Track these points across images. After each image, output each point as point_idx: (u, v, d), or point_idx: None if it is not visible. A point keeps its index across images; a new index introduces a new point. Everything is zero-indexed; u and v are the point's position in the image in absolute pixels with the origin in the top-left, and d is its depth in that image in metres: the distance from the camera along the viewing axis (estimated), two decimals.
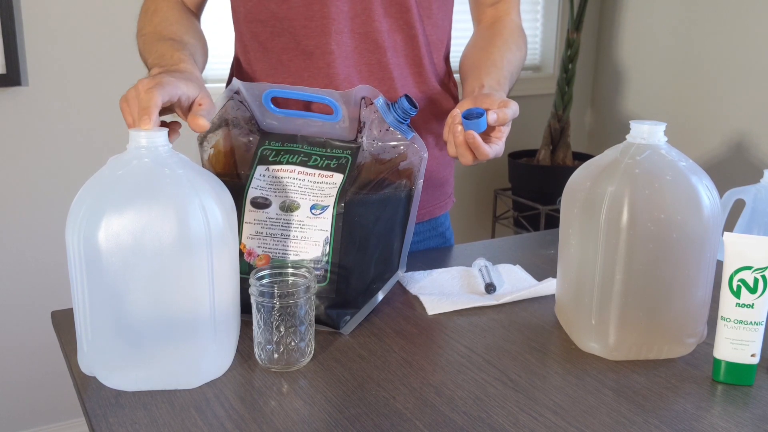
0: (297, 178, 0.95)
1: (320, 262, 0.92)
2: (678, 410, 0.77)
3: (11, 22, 1.87)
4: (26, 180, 2.02)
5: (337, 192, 0.93)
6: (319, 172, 0.95)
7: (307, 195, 0.94)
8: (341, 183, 0.93)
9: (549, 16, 2.81)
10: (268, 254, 0.93)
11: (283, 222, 0.93)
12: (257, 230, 0.94)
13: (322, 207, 0.92)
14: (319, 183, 0.94)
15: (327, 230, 0.92)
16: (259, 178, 0.96)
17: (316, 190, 0.94)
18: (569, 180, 0.91)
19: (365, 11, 1.07)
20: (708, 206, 0.83)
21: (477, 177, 2.78)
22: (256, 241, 0.94)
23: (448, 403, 0.77)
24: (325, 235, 0.92)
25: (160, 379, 0.79)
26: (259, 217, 0.94)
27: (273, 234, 0.93)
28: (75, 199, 0.77)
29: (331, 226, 0.92)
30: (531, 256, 1.21)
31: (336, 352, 0.88)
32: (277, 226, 0.93)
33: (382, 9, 1.08)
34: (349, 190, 0.93)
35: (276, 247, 0.93)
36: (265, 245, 0.93)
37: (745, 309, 0.80)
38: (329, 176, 0.95)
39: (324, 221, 0.92)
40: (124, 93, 0.88)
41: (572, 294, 0.90)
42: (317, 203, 0.93)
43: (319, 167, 0.95)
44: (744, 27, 2.32)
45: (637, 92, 2.74)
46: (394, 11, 1.08)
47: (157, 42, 1.03)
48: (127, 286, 0.75)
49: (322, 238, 0.92)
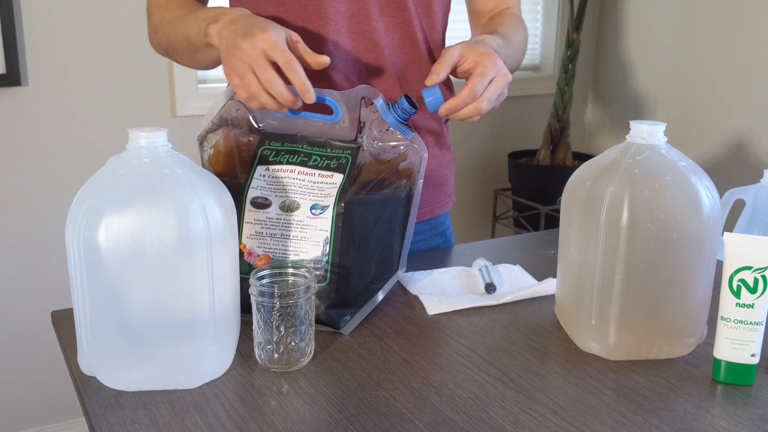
0: (297, 178, 0.95)
1: (320, 262, 0.92)
2: (678, 410, 0.77)
3: (11, 22, 1.87)
4: (26, 180, 2.02)
5: (337, 192, 0.93)
6: (319, 172, 0.95)
7: (307, 195, 0.94)
8: (341, 183, 0.93)
9: (549, 16, 2.81)
10: (268, 254, 0.93)
11: (283, 222, 0.93)
12: (257, 230, 0.94)
13: (322, 207, 0.92)
14: (319, 183, 0.94)
15: (327, 230, 0.92)
16: (259, 178, 0.96)
17: (316, 190, 0.94)
18: (569, 180, 0.91)
19: (362, 11, 1.07)
20: (708, 206, 0.83)
21: (477, 177, 2.78)
22: (256, 241, 0.94)
23: (448, 403, 0.77)
24: (325, 235, 0.92)
25: (160, 379, 0.79)
26: (259, 217, 0.94)
27: (273, 234, 0.93)
28: (75, 199, 0.77)
29: (331, 226, 0.92)
30: (531, 256, 1.21)
31: (336, 352, 0.88)
32: (277, 226, 0.93)
33: (379, 8, 1.08)
34: (349, 190, 0.93)
35: (276, 247, 0.93)
36: (265, 245, 0.93)
37: (745, 309, 0.80)
38: (329, 176, 0.95)
39: (324, 221, 0.92)
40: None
41: (572, 294, 0.90)
42: (317, 203, 0.93)
43: (319, 167, 0.95)
44: (744, 27, 2.32)
45: (637, 92, 2.73)
46: (391, 10, 1.08)
47: (193, 13, 1.00)
48: (127, 286, 0.75)
49: (322, 238, 0.92)
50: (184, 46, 1.03)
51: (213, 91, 2.21)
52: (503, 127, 2.80)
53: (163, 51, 1.12)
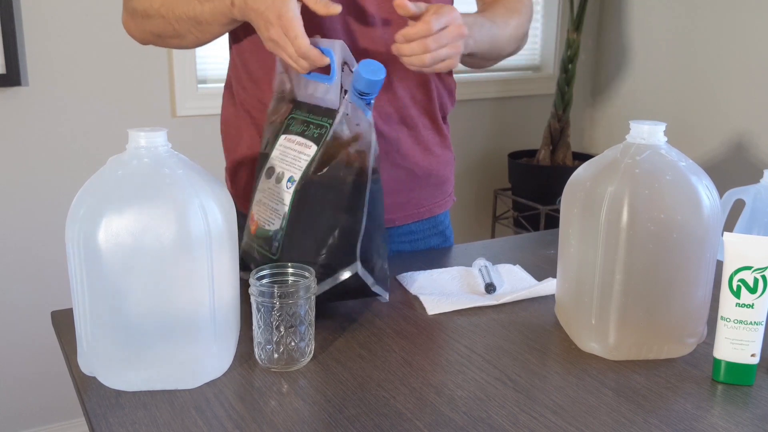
0: (292, 148, 0.96)
1: (276, 235, 0.93)
2: (678, 410, 0.77)
3: (11, 22, 1.87)
4: (26, 180, 2.02)
5: (306, 167, 0.93)
6: (305, 141, 0.95)
7: (292, 167, 0.95)
8: (312, 156, 0.93)
9: (549, 16, 2.81)
10: (258, 221, 0.97)
11: (272, 192, 0.97)
12: (259, 198, 0.98)
13: (293, 181, 0.94)
14: (300, 154, 0.95)
15: (287, 205, 0.93)
16: (278, 148, 0.99)
17: (296, 162, 0.95)
18: (569, 180, 0.91)
19: (356, 8, 1.06)
20: (708, 206, 0.83)
21: (477, 177, 2.78)
22: (256, 208, 0.98)
23: (448, 403, 0.77)
24: (285, 209, 0.93)
25: (160, 379, 0.79)
26: (264, 186, 0.98)
27: (265, 203, 0.97)
28: (75, 199, 0.77)
29: (290, 201, 0.93)
30: (531, 256, 1.21)
31: (336, 352, 0.88)
32: (269, 196, 0.97)
33: (376, 5, 1.07)
34: (313, 166, 0.92)
35: (263, 215, 0.97)
36: (259, 212, 0.98)
37: (745, 309, 0.80)
38: (308, 147, 0.94)
39: (288, 195, 0.93)
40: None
41: (572, 294, 0.90)
42: (292, 176, 0.94)
43: (306, 136, 0.96)
44: (744, 27, 2.32)
45: (637, 92, 2.73)
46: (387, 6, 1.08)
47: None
48: (127, 286, 0.75)
49: (283, 212, 0.93)
50: (190, 26, 1.04)
51: (213, 91, 2.21)
52: (503, 127, 2.80)
53: (151, 36, 1.11)
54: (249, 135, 1.16)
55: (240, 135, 1.18)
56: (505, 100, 2.77)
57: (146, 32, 1.11)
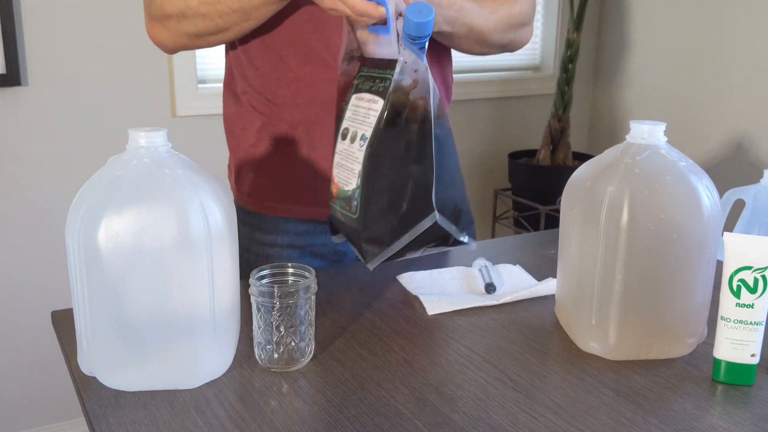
0: (362, 105, 0.95)
1: (354, 193, 0.93)
2: (678, 410, 0.77)
3: (11, 22, 1.87)
4: (26, 180, 2.02)
5: (376, 122, 0.91)
6: (371, 97, 0.93)
7: (363, 124, 0.93)
8: (380, 111, 0.91)
9: (549, 16, 2.81)
10: (338, 183, 0.97)
11: (348, 152, 0.95)
12: (338, 160, 0.97)
13: (365, 138, 0.92)
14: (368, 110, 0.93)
15: (361, 162, 0.92)
16: (350, 108, 0.98)
17: (367, 119, 0.93)
18: (569, 180, 0.91)
19: None
20: (708, 206, 0.83)
21: (477, 177, 2.78)
22: (336, 170, 0.98)
23: (448, 403, 0.77)
24: (359, 167, 0.92)
25: (160, 379, 0.79)
26: (340, 148, 0.97)
27: (342, 164, 0.96)
28: (75, 199, 0.77)
29: (364, 158, 0.91)
30: (531, 256, 1.21)
31: (336, 352, 0.88)
32: (345, 157, 0.96)
33: None
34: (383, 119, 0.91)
35: (342, 176, 0.96)
36: (339, 174, 0.97)
37: (745, 309, 0.80)
38: (374, 102, 0.93)
39: (361, 153, 0.92)
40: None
41: (572, 294, 0.90)
42: (364, 134, 0.93)
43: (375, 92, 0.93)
44: (744, 27, 2.32)
45: (637, 92, 2.74)
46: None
47: None
48: (127, 286, 0.75)
49: (358, 170, 0.92)
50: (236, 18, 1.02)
51: (213, 91, 2.21)
52: (503, 127, 2.80)
53: (186, 38, 1.08)
54: (255, 131, 1.16)
55: (245, 132, 1.18)
56: (505, 100, 2.77)
57: (181, 34, 1.07)
